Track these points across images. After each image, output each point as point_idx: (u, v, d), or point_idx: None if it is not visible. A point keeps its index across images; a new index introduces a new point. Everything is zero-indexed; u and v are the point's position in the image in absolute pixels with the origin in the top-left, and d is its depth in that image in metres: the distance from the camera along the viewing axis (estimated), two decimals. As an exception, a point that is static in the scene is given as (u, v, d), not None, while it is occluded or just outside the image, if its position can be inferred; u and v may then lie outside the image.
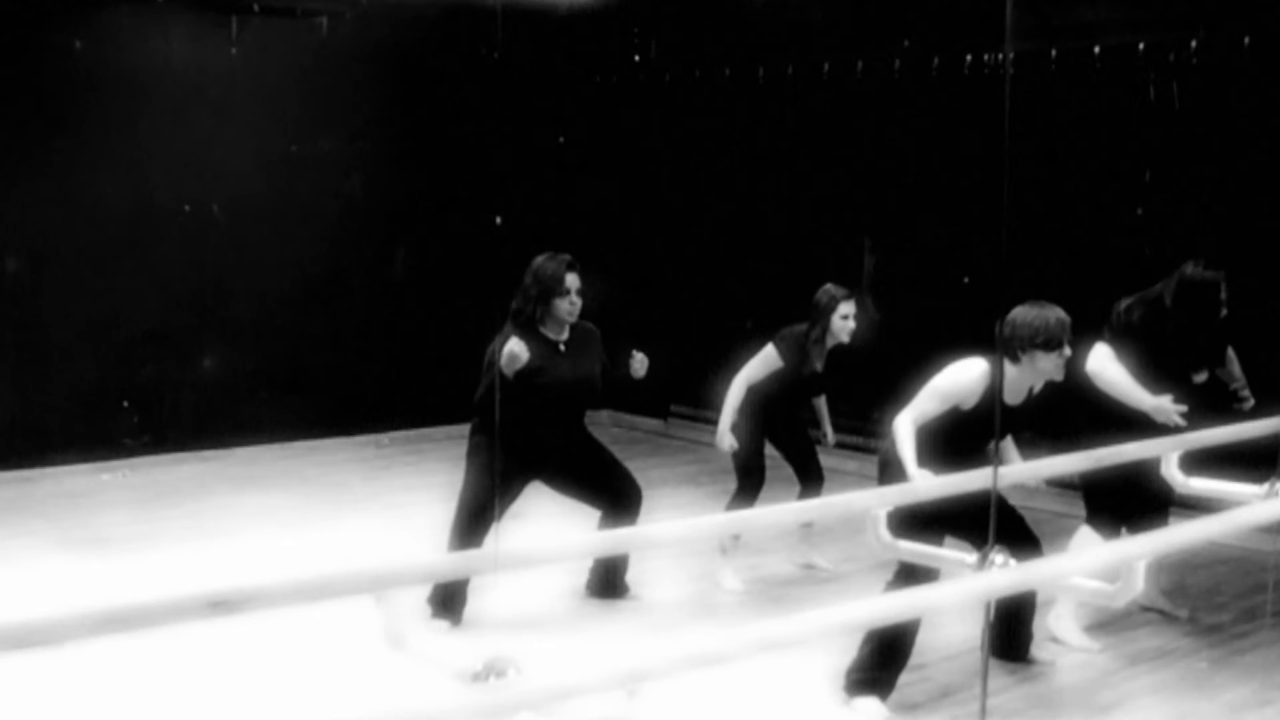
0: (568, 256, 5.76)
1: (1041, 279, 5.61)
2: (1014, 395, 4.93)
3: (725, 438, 6.16)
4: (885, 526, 3.30)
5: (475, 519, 5.62)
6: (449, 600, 5.62)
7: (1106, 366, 5.41)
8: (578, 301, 5.74)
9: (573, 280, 5.71)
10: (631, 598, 6.11)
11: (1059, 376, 4.93)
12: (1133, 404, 5.32)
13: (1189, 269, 5.57)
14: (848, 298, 6.10)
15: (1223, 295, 5.56)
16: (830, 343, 6.13)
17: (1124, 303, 5.61)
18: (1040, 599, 5.34)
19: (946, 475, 4.34)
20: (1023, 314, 4.88)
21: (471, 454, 5.80)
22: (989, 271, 7.67)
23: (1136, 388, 5.35)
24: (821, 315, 6.09)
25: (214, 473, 8.41)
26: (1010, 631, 5.31)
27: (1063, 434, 5.11)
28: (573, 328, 5.81)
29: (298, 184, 9.03)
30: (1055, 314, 4.87)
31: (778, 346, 6.14)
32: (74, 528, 7.14)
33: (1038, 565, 3.48)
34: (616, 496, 5.89)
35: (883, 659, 4.88)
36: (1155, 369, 5.43)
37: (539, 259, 5.77)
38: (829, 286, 6.16)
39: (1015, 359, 4.87)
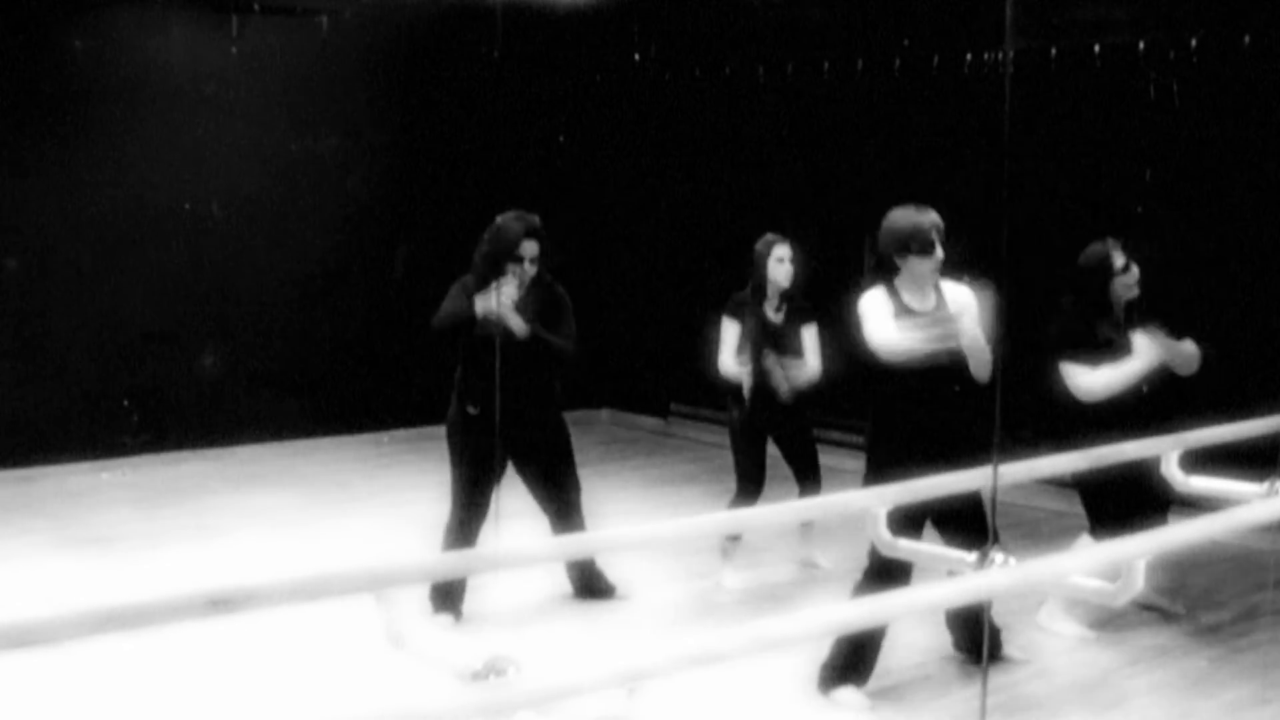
0: (534, 220, 5.42)
1: (1040, 277, 5.60)
2: (921, 303, 4.80)
3: (733, 368, 6.15)
4: (885, 525, 3.29)
5: (467, 511, 5.59)
6: (448, 593, 5.61)
7: (1079, 382, 5.35)
8: (531, 270, 5.38)
9: (529, 247, 5.36)
10: (628, 595, 6.10)
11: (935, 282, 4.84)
12: (1126, 382, 5.28)
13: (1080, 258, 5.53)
14: (781, 241, 6.21)
15: (1116, 261, 5.43)
16: (772, 289, 6.19)
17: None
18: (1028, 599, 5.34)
19: (943, 475, 4.33)
20: (894, 217, 4.74)
21: (450, 436, 5.65)
22: (988, 270, 7.66)
23: (1114, 371, 5.30)
24: (759, 263, 6.19)
25: (214, 471, 8.41)
26: (974, 630, 5.22)
27: (1061, 433, 5.11)
28: (534, 289, 5.45)
29: (298, 184, 9.03)
30: (928, 216, 4.71)
31: (728, 312, 6.25)
32: (74, 527, 7.14)
33: (1038, 565, 3.47)
34: (563, 506, 5.79)
35: (856, 649, 4.89)
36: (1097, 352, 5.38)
37: (504, 216, 5.41)
38: (766, 235, 6.27)
39: (894, 268, 4.74)
